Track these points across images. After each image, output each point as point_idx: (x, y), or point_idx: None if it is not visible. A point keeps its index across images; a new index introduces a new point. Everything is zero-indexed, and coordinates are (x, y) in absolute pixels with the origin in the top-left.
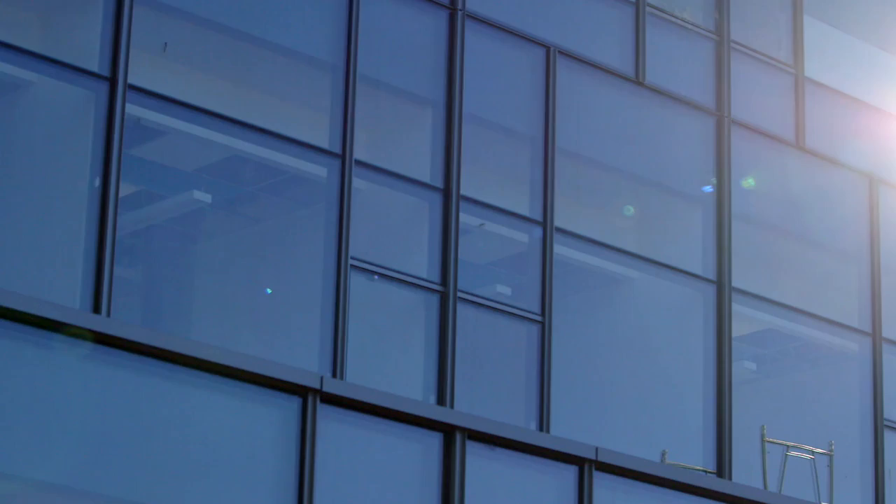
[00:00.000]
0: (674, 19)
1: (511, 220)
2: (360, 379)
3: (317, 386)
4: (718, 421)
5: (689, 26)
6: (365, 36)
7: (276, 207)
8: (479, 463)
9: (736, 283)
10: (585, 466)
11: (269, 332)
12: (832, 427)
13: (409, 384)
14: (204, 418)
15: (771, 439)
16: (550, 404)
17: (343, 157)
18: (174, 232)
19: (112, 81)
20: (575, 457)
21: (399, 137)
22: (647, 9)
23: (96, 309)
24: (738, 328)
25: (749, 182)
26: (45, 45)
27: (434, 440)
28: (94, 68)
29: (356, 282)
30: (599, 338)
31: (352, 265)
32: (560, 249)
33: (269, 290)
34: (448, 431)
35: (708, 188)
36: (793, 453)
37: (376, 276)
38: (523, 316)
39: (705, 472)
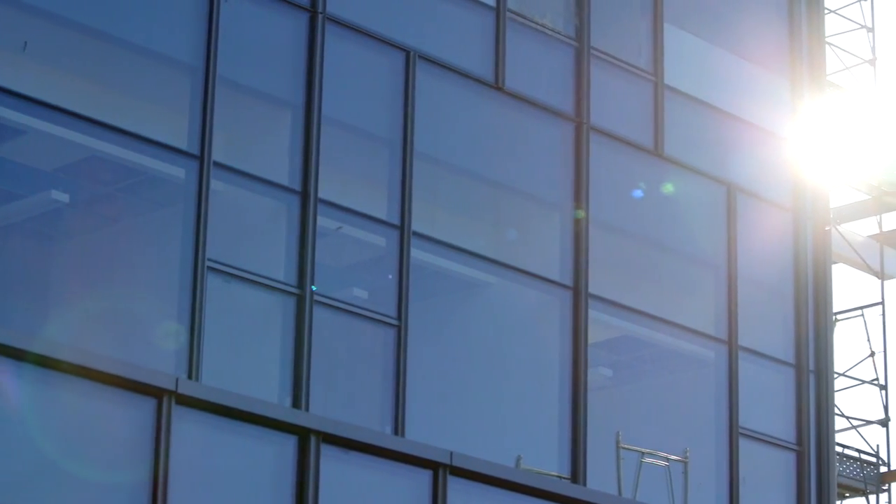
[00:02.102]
0: (534, 25)
1: (368, 223)
2: (216, 381)
3: (172, 387)
4: (573, 426)
5: (550, 32)
6: (225, 37)
7: (133, 208)
8: (333, 466)
9: (592, 289)
10: (440, 471)
11: (125, 332)
12: (687, 434)
13: (265, 387)
14: (58, 419)
15: (626, 446)
16: (406, 408)
17: (201, 159)
18: (31, 231)
19: None
20: (429, 461)
21: (258, 140)
22: (508, 14)
23: None
24: (595, 334)
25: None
26: None
27: (289, 443)
28: None
29: (213, 283)
30: (456, 342)
31: (209, 267)
32: (417, 254)
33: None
34: (303, 434)
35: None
36: (647, 460)
37: (230, 281)
38: (379, 319)
39: (560, 477)
